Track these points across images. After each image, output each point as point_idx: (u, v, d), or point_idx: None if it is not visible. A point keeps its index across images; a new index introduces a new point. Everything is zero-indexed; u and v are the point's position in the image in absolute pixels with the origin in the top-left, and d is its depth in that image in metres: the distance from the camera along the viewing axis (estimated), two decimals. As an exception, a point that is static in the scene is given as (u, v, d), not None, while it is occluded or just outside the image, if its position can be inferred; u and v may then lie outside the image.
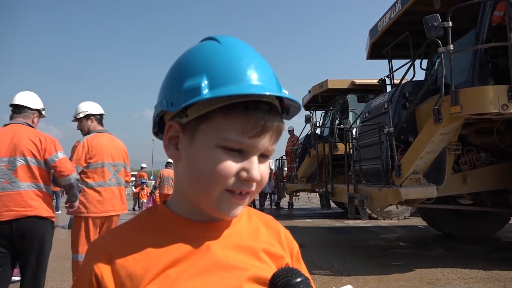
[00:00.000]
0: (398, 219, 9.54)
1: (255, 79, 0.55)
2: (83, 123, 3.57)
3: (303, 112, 11.06)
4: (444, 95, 4.18)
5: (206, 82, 0.54)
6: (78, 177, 2.93)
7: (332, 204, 11.11)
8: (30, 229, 2.56)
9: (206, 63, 0.56)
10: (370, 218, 9.17)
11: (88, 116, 3.56)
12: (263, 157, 0.59)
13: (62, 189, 2.88)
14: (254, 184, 0.58)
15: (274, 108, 0.57)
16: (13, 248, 2.55)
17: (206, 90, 0.53)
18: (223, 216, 0.59)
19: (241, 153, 0.56)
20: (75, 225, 3.37)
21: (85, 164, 3.36)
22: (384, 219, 9.47)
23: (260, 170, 0.57)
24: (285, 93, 0.58)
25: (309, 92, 10.88)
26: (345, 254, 5.64)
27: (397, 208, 8.88)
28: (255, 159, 0.57)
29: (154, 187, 12.52)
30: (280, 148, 13.17)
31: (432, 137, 4.33)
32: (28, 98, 2.84)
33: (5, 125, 2.71)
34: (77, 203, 3.11)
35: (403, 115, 4.95)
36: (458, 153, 4.83)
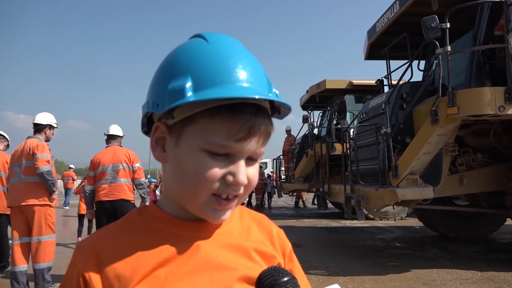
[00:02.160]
0: (395, 219, 9.55)
1: (242, 80, 0.53)
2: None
3: (301, 112, 11.06)
4: (441, 96, 4.18)
5: (190, 83, 0.52)
6: (146, 181, 4.37)
7: (329, 204, 11.13)
8: (121, 206, 4.29)
9: (191, 63, 0.54)
10: (367, 218, 9.18)
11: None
12: (252, 159, 0.57)
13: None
14: (242, 188, 0.56)
15: (262, 110, 0.55)
16: (110, 218, 4.16)
17: (190, 93, 0.51)
18: (210, 221, 0.58)
19: (227, 157, 0.54)
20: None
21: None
22: (380, 220, 9.49)
23: (248, 173, 0.56)
24: (275, 92, 0.56)
25: (307, 92, 10.88)
26: (342, 254, 5.64)
27: (394, 208, 8.90)
28: (242, 163, 0.55)
29: (156, 186, 14.10)
30: (277, 148, 13.18)
31: (429, 138, 4.34)
32: (117, 130, 4.71)
33: (106, 147, 4.63)
34: (147, 200, 4.59)
35: (400, 116, 4.95)
36: (455, 154, 4.84)
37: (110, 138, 4.67)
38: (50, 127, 4.27)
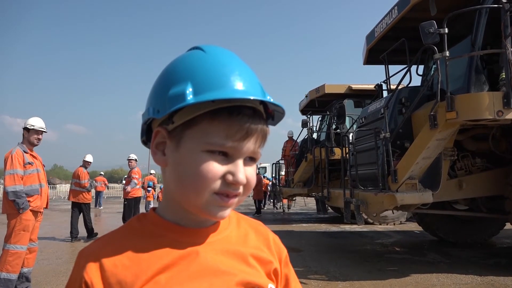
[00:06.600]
0: (394, 224, 9.55)
1: (239, 85, 0.56)
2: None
3: (300, 117, 11.08)
4: (440, 101, 4.20)
5: (190, 88, 0.55)
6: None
7: (329, 209, 11.12)
8: (138, 201, 8.84)
9: (191, 70, 0.57)
10: (366, 223, 9.19)
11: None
12: (250, 160, 0.59)
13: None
14: (241, 187, 0.58)
15: (257, 113, 0.58)
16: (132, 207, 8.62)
17: (191, 96, 0.54)
18: (211, 218, 0.59)
19: (226, 157, 0.57)
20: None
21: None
22: (380, 224, 9.49)
23: (247, 173, 0.58)
24: (269, 98, 0.58)
25: (306, 96, 10.91)
26: (341, 259, 5.63)
27: (393, 213, 8.87)
28: (240, 162, 0.57)
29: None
30: (276, 153, 13.18)
31: (427, 143, 4.35)
32: (135, 156, 8.95)
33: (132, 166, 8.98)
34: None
35: (399, 121, 4.97)
36: (454, 159, 4.85)
37: (133, 162, 8.79)
38: (27, 130, 4.04)
